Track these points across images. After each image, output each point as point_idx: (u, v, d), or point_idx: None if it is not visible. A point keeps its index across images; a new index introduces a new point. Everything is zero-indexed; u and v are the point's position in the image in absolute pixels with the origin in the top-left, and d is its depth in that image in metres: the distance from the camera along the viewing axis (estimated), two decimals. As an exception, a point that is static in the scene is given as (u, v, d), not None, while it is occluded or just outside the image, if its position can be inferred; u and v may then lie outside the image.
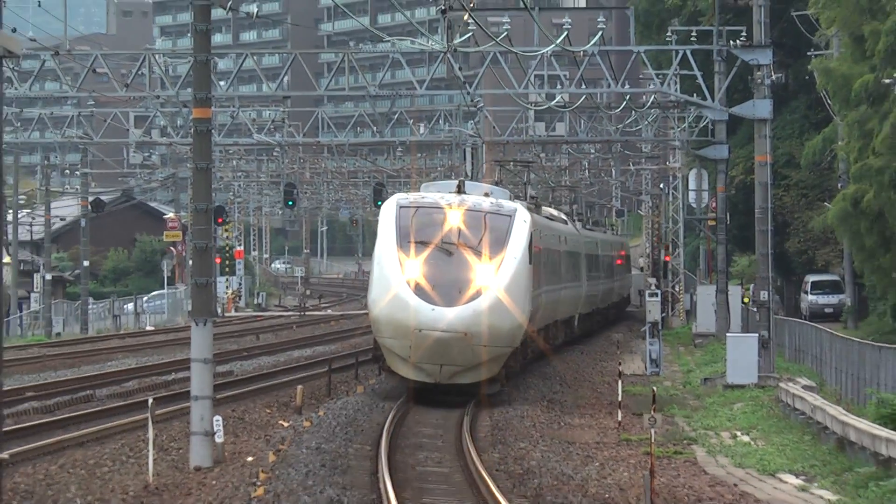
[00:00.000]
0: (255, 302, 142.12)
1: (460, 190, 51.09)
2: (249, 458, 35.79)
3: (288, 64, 75.46)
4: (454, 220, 48.99)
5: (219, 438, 36.08)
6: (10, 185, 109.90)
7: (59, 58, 65.65)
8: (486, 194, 51.87)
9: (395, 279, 48.05)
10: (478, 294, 47.78)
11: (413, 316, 47.32)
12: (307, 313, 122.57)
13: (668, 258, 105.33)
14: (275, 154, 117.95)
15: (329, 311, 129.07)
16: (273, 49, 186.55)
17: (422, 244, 48.66)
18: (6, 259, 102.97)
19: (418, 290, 47.63)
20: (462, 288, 47.92)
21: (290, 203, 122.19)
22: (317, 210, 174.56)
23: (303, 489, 30.73)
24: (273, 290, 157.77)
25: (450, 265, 48.42)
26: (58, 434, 42.13)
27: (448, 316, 47.24)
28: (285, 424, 42.95)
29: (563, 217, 75.33)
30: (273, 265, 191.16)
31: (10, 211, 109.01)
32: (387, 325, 48.43)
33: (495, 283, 47.99)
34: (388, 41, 76.59)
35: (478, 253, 48.49)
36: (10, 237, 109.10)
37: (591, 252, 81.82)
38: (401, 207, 49.83)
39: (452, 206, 49.59)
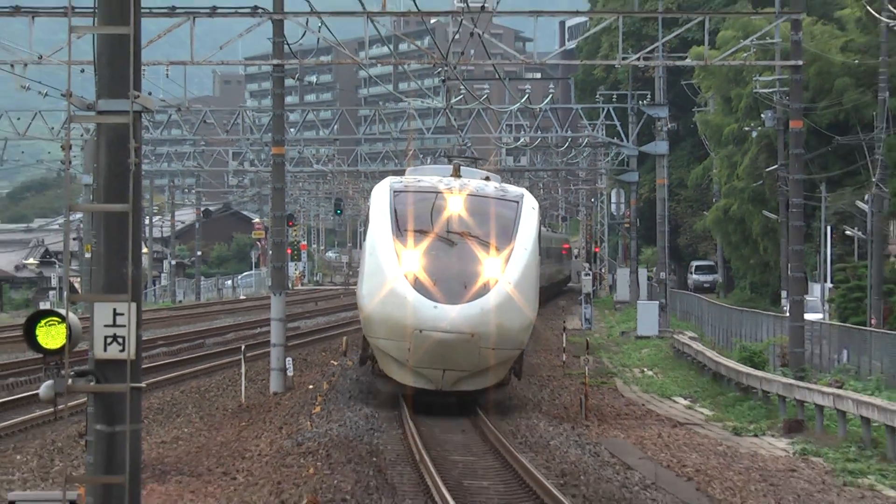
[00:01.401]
0: (314, 279, 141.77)
1: (457, 174, 33.68)
2: (311, 386, 35.75)
3: (337, 117, 75.31)
4: (455, 206, 31.76)
5: (290, 373, 36.06)
6: (147, 200, 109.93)
7: (180, 112, 65.58)
8: (487, 178, 34.81)
9: (390, 272, 30.43)
10: (485, 290, 30.34)
11: (412, 314, 30.03)
12: (350, 287, 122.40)
13: (597, 249, 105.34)
14: (328, 178, 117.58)
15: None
16: (326, 106, 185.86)
17: (420, 233, 31.16)
18: (144, 250, 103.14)
19: (417, 285, 30.25)
20: (467, 283, 30.47)
21: (339, 211, 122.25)
22: (357, 216, 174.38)
23: (347, 408, 30.69)
24: (326, 272, 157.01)
25: (453, 257, 30.95)
26: (179, 370, 42.21)
27: (452, 314, 29.90)
28: (335, 363, 42.88)
29: None
30: (327, 254, 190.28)
31: (147, 217, 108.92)
32: (381, 325, 30.58)
33: (504, 278, 30.50)
34: (406, 101, 76.54)
35: (483, 243, 31.04)
36: (147, 235, 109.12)
37: None
38: (395, 192, 32.08)
39: (453, 190, 32.13)
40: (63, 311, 11.23)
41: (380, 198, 32.12)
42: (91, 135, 64.98)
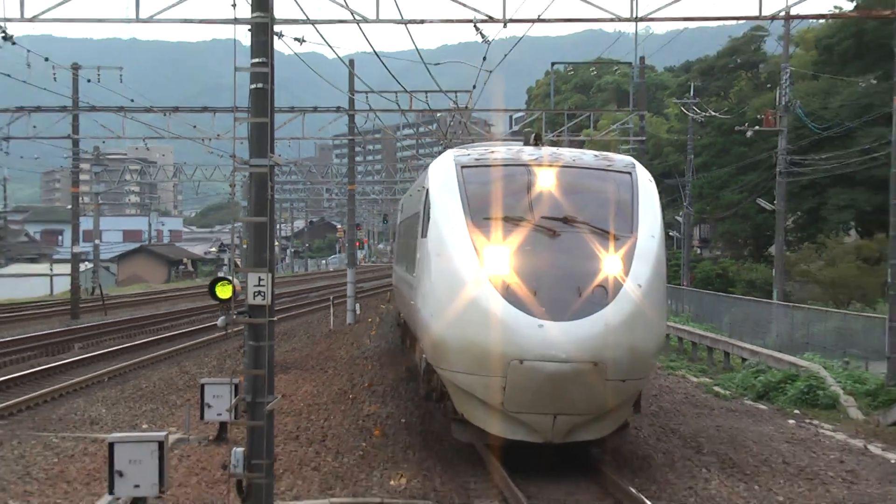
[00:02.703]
0: (371, 260, 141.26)
1: (538, 145, 10.32)
2: (369, 320, 35.59)
3: (383, 168, 75.20)
4: (549, 182, 9.12)
5: (357, 312, 35.93)
6: (277, 215, 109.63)
7: (296, 166, 65.38)
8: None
9: (470, 277, 8.38)
10: (605, 297, 8.51)
11: (507, 337, 8.19)
12: (391, 265, 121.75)
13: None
14: (379, 203, 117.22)
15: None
16: (377, 162, 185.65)
17: (507, 221, 8.87)
18: (276, 243, 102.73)
19: (510, 295, 8.27)
20: (581, 289, 8.50)
21: (385, 221, 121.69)
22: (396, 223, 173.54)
23: (391, 332, 30.55)
24: (379, 256, 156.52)
25: (555, 253, 8.62)
26: (295, 311, 41.93)
27: (564, 336, 8.17)
28: (383, 307, 42.73)
29: None
30: (378, 245, 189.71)
31: (277, 224, 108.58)
32: (461, 354, 8.54)
33: (631, 279, 8.63)
34: (423, 160, 76.20)
35: (597, 232, 8.94)
36: (277, 234, 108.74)
37: None
38: (463, 167, 9.58)
39: (543, 162, 9.32)
40: (230, 278, 11.33)
41: (442, 177, 11.10)
42: (246, 178, 64.85)
